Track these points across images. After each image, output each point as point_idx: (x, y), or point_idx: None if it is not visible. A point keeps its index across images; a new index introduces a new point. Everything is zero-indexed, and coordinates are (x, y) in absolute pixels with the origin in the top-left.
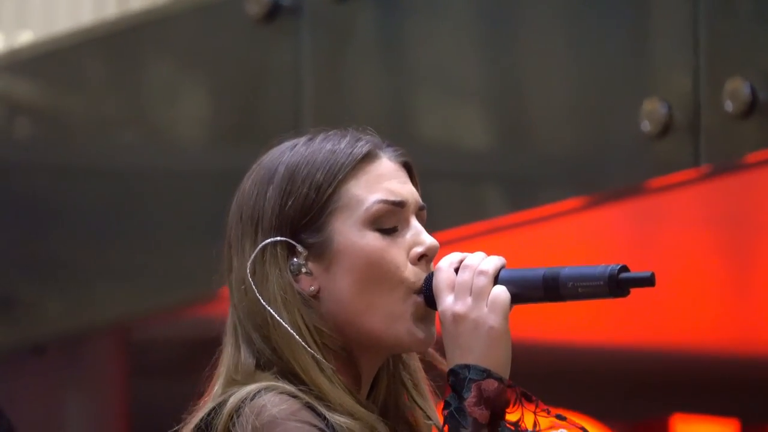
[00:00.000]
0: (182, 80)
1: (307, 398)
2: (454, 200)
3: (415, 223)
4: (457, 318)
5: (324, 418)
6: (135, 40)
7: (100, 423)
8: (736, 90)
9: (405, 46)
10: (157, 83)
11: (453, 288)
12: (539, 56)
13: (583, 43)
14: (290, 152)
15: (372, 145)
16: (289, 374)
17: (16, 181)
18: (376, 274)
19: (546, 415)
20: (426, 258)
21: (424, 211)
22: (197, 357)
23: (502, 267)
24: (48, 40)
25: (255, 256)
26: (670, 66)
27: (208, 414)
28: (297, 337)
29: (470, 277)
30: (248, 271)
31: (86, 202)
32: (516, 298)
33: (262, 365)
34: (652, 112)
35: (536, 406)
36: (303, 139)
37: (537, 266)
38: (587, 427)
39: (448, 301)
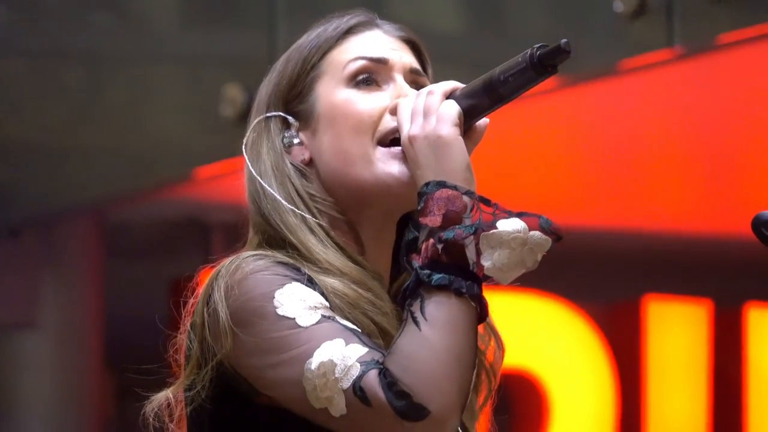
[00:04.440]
0: None
1: (286, 258)
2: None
3: (400, 80)
4: (412, 139)
5: (304, 273)
6: None
7: (76, 304)
8: None
9: None
10: None
11: (409, 116)
12: None
13: None
14: (301, 38)
15: (364, 17)
16: (280, 240)
17: None
18: (349, 125)
19: (506, 216)
20: None
21: (424, 78)
22: (173, 238)
23: (456, 89)
24: None
25: (251, 133)
26: None
27: None
28: (282, 201)
29: (422, 101)
30: (243, 146)
31: (59, 84)
32: (469, 112)
33: (264, 240)
34: None
35: (495, 209)
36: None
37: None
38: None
39: (405, 129)
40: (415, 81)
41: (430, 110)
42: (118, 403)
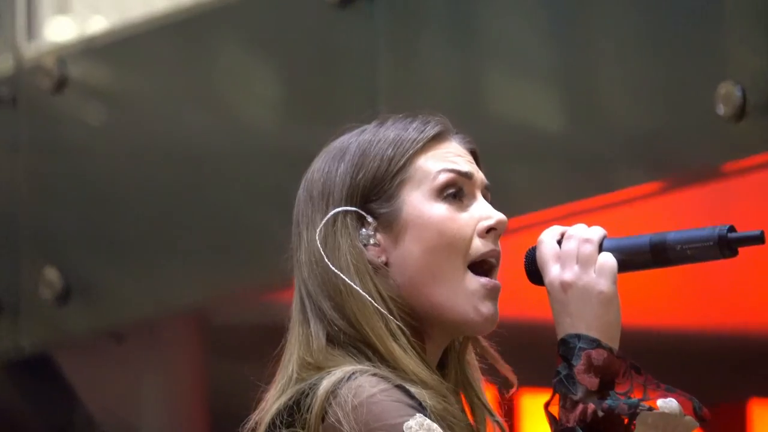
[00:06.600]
0: (254, 63)
1: (398, 381)
2: (524, 183)
3: (481, 198)
4: (566, 286)
5: (414, 398)
6: (207, 25)
7: (178, 408)
8: None
9: (477, 25)
10: (229, 66)
11: (558, 258)
12: (613, 36)
13: (657, 25)
14: (360, 134)
15: (442, 126)
16: (362, 344)
17: (92, 165)
18: (443, 244)
19: (655, 387)
20: (495, 232)
21: (489, 194)
22: (274, 342)
23: (605, 237)
24: (122, 27)
25: (326, 226)
26: (745, 49)
27: (294, 398)
28: (373, 302)
29: (576, 246)
30: (317, 239)
31: (161, 185)
32: (623, 265)
33: (333, 338)
34: (727, 95)
35: (645, 379)
36: (372, 124)
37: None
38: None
39: (555, 271)
40: (485, 197)
41: (589, 261)
42: None
